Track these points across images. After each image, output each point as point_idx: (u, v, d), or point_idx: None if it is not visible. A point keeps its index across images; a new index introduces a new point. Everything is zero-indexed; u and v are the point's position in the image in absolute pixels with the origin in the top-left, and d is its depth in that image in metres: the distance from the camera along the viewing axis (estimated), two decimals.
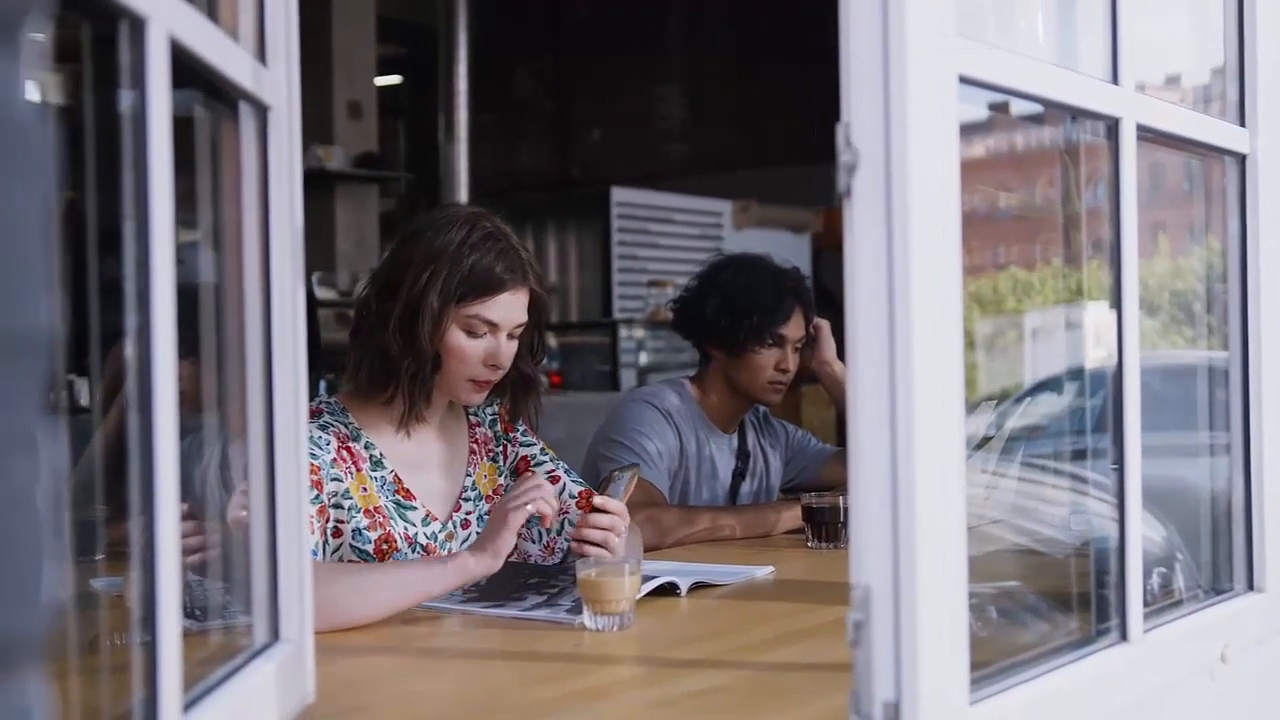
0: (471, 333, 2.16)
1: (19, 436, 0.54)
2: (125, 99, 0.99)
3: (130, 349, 0.98)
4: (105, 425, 2.01)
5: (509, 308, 2.18)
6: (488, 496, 2.33)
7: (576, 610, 1.88)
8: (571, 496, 2.33)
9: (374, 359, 2.17)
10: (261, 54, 1.32)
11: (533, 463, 2.37)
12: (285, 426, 1.35)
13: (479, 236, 2.15)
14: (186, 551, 1.37)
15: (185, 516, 1.44)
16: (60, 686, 0.96)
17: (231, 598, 1.41)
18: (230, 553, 1.47)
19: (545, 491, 2.02)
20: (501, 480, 2.35)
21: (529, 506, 1.98)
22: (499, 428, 2.39)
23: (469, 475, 2.32)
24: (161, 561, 0.99)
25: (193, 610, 1.32)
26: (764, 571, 2.32)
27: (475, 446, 2.35)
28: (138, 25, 0.97)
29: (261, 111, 1.32)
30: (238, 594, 1.38)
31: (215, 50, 1.15)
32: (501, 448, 2.38)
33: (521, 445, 2.39)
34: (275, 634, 1.34)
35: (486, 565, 1.95)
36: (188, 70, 1.08)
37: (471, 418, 2.37)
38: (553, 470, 2.37)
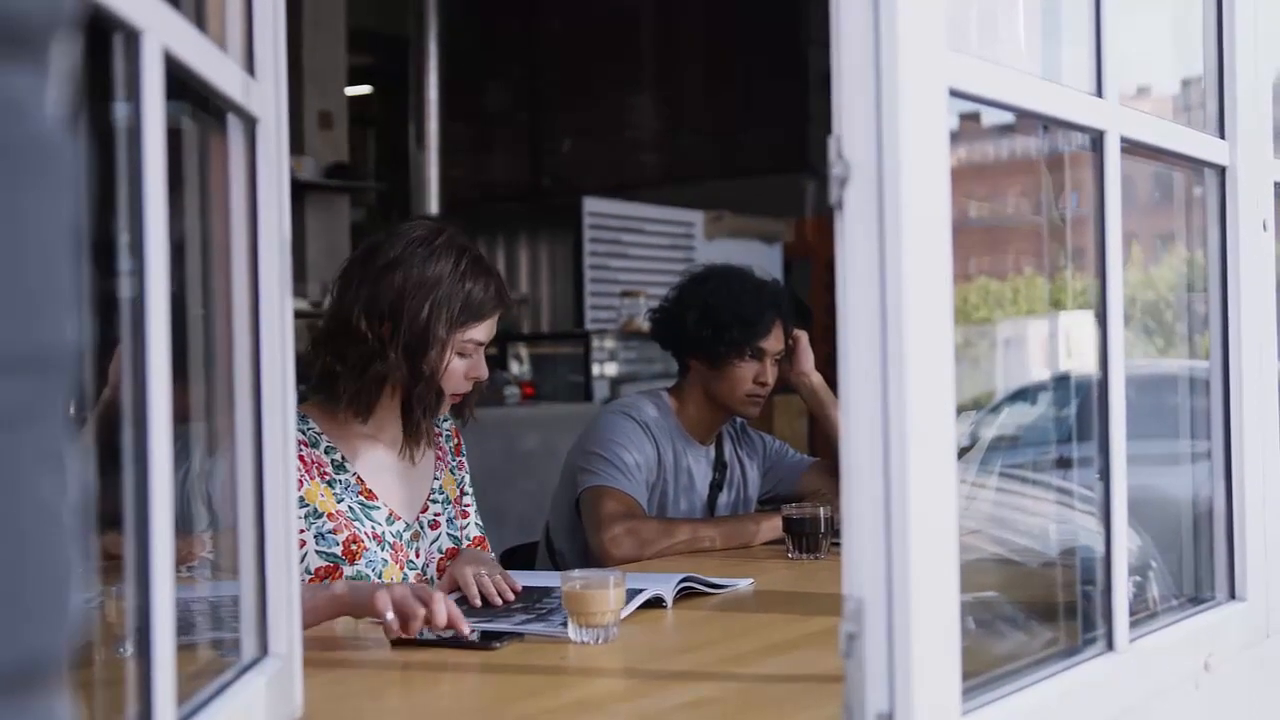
0: (463, 354, 2.26)
1: (47, 453, 0.54)
2: (119, 110, 0.98)
3: (125, 361, 0.98)
4: (84, 436, 2.01)
5: (493, 326, 2.30)
6: (454, 501, 2.42)
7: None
8: (467, 538, 2.42)
9: (373, 384, 2.22)
10: (250, 66, 1.31)
11: (464, 490, 2.48)
12: (273, 439, 1.34)
13: (468, 264, 2.25)
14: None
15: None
16: None
17: (218, 611, 1.40)
18: (216, 566, 1.46)
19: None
20: (458, 490, 2.45)
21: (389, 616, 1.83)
22: (451, 445, 2.48)
23: (436, 479, 2.40)
24: (156, 576, 0.98)
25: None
26: (745, 584, 2.32)
27: (440, 453, 2.43)
28: (133, 37, 0.96)
29: (250, 124, 1.31)
30: (225, 608, 1.37)
31: (207, 62, 1.14)
32: (456, 463, 2.48)
33: (465, 470, 2.50)
34: (264, 649, 1.33)
35: (344, 606, 1.92)
36: (177, 82, 1.08)
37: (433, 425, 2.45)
38: (468, 506, 2.48)
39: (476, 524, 2.48)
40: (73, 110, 0.60)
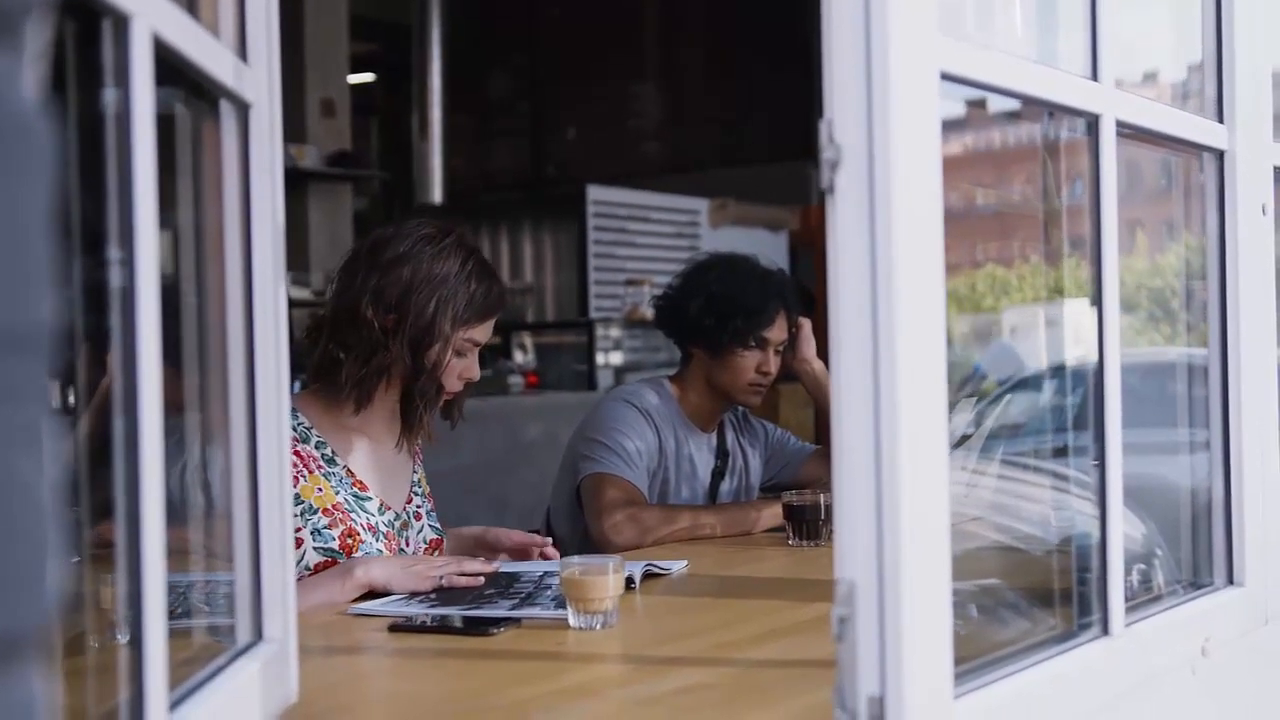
0: (460, 353, 2.29)
1: (25, 431, 0.54)
2: (108, 96, 0.98)
3: (115, 350, 0.98)
4: (81, 426, 2.01)
5: (490, 328, 2.34)
6: (428, 494, 2.46)
7: (561, 604, 1.87)
8: (424, 542, 2.41)
9: (375, 374, 2.25)
10: (243, 51, 1.31)
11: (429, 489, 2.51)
12: (268, 427, 1.34)
13: (474, 266, 2.28)
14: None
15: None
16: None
17: (210, 597, 1.41)
18: (211, 553, 1.46)
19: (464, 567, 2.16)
20: (428, 486, 2.49)
21: (442, 581, 2.10)
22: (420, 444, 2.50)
23: (415, 472, 2.44)
24: (147, 562, 0.98)
25: (173, 609, 1.32)
26: (680, 565, 2.35)
27: (417, 448, 2.46)
28: (121, 22, 0.96)
29: (243, 109, 1.31)
30: (220, 593, 1.37)
31: (198, 47, 1.14)
32: (423, 460, 2.50)
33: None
34: (259, 633, 1.33)
35: (371, 579, 2.09)
36: (168, 67, 1.08)
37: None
38: (428, 506, 2.48)
39: (434, 526, 2.48)
40: (47, 92, 0.60)
